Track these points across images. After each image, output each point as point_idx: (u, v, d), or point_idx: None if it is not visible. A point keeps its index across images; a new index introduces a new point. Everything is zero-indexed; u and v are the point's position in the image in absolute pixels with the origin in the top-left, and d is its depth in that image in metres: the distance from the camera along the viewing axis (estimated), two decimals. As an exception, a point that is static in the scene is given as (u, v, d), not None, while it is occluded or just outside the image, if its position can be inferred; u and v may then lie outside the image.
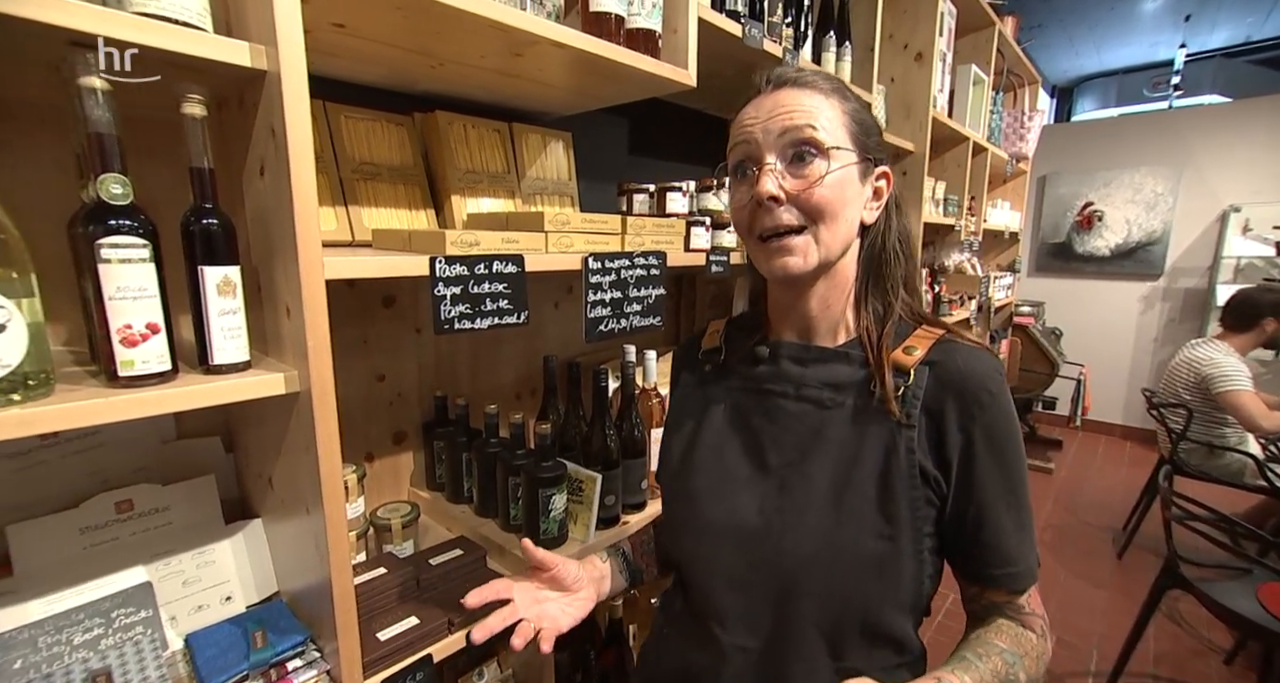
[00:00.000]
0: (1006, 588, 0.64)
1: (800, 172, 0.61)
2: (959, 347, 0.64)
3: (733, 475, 0.68)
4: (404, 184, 1.09)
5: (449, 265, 0.80)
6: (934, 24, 2.00)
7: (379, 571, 0.89)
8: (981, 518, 0.61)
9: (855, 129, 0.63)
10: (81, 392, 0.56)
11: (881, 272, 0.67)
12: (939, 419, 0.61)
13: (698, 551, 0.69)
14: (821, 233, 0.62)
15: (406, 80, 1.09)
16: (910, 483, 0.60)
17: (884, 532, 0.60)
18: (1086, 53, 4.79)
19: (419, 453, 1.25)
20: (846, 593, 0.61)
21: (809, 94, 0.62)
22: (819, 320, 0.68)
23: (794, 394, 0.68)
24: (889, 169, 0.67)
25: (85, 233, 0.54)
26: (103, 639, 0.65)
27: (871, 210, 0.66)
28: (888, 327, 0.66)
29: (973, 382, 0.61)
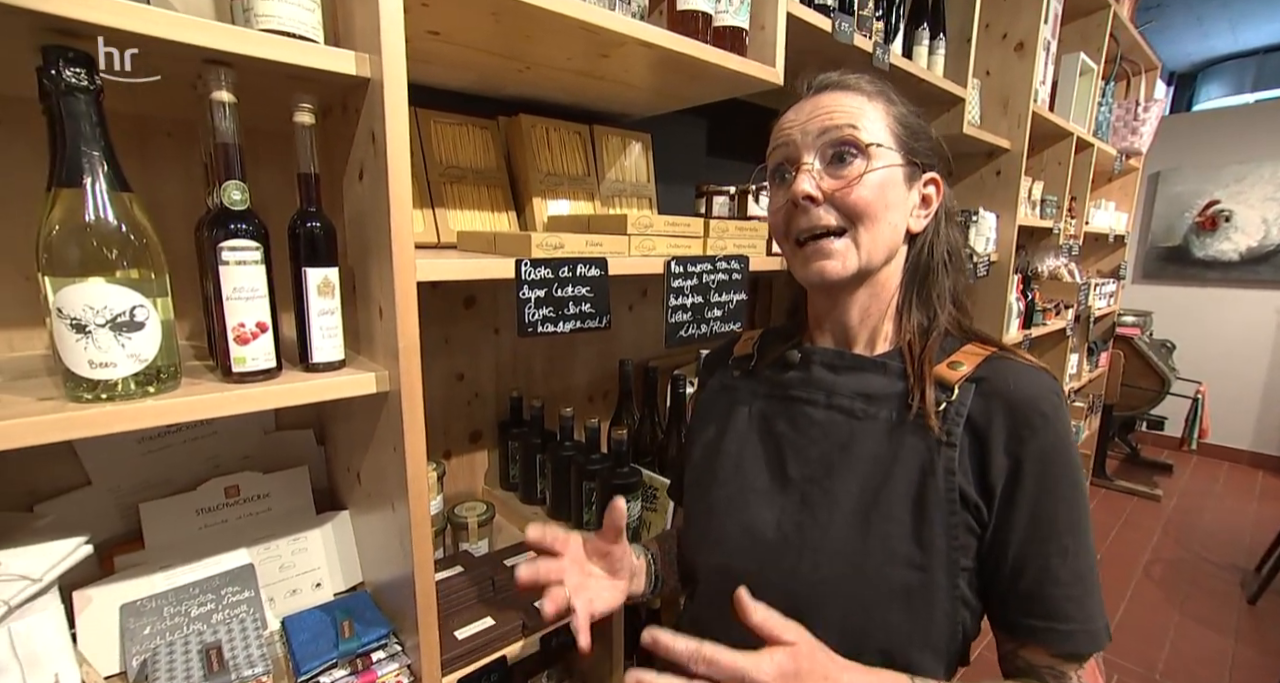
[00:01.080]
0: (1047, 648, 0.55)
1: (839, 172, 0.59)
2: (1011, 364, 0.59)
3: (752, 487, 0.65)
4: (487, 187, 1.11)
5: (534, 268, 0.80)
6: (1039, 10, 1.85)
7: (456, 569, 0.91)
8: (1024, 558, 0.54)
9: (900, 131, 0.61)
10: (202, 385, 0.60)
11: (927, 282, 0.64)
12: (984, 440, 0.56)
13: (711, 565, 0.66)
14: (861, 236, 0.59)
15: (494, 85, 1.11)
16: (949, 507, 0.55)
17: (915, 560, 0.54)
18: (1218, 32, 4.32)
19: (493, 452, 1.27)
20: (867, 626, 0.56)
21: (851, 95, 0.60)
22: (858, 331, 0.65)
23: (824, 403, 0.64)
24: (939, 176, 0.64)
25: (209, 236, 0.57)
26: (214, 614, 0.69)
27: (919, 218, 0.63)
28: (931, 339, 0.62)
29: (1024, 402, 0.55)
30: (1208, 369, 4.05)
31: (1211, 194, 4.14)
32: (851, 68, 0.64)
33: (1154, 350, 3.60)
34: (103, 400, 0.51)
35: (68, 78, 0.46)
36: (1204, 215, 4.16)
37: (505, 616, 0.86)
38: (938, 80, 1.53)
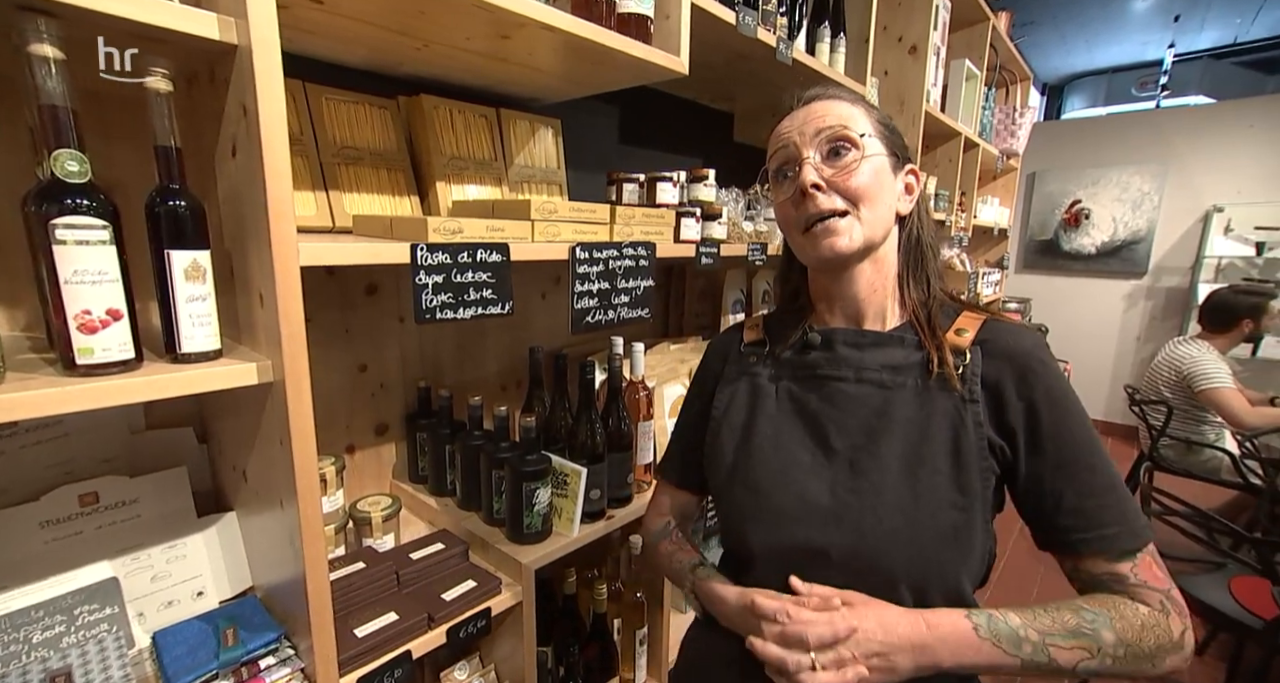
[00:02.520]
0: (1102, 554, 0.61)
1: (837, 162, 0.66)
2: (1004, 326, 0.69)
3: (796, 462, 0.69)
4: (387, 169, 1.06)
5: (431, 253, 0.77)
6: (929, 17, 1.98)
7: (358, 565, 0.87)
8: (1059, 481, 0.62)
9: (882, 130, 0.69)
10: (35, 380, 0.53)
11: (922, 259, 0.72)
12: (998, 391, 0.64)
13: (771, 540, 0.68)
14: (864, 214, 0.66)
15: (390, 62, 1.05)
16: (980, 454, 0.63)
17: (959, 503, 0.62)
18: (1077, 51, 4.80)
19: (401, 445, 1.22)
20: (928, 565, 0.63)
21: (838, 103, 0.69)
22: (867, 304, 0.71)
23: (853, 378, 0.70)
24: (916, 169, 0.72)
25: (38, 212, 0.50)
26: (64, 637, 0.62)
27: (905, 202, 0.71)
28: (933, 310, 0.70)
29: (1024, 354, 0.65)
30: (1073, 349, 4.54)
31: (1075, 194, 4.62)
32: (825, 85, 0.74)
33: (1028, 333, 3.98)
34: (-97, 399, 0.45)
35: None
36: (1069, 213, 4.64)
37: (410, 610, 0.83)
38: (839, 77, 1.60)
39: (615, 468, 1.13)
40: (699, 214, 1.22)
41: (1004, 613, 0.59)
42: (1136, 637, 0.58)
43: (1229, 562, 1.78)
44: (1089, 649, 0.57)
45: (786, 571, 0.65)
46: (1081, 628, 0.57)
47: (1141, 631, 0.58)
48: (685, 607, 1.51)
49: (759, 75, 1.54)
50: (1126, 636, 0.57)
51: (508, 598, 0.94)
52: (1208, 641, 2.18)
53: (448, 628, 0.85)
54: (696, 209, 1.22)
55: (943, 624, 0.58)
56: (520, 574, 0.96)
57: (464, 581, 0.92)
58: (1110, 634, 0.57)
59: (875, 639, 0.57)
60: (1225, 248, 4.05)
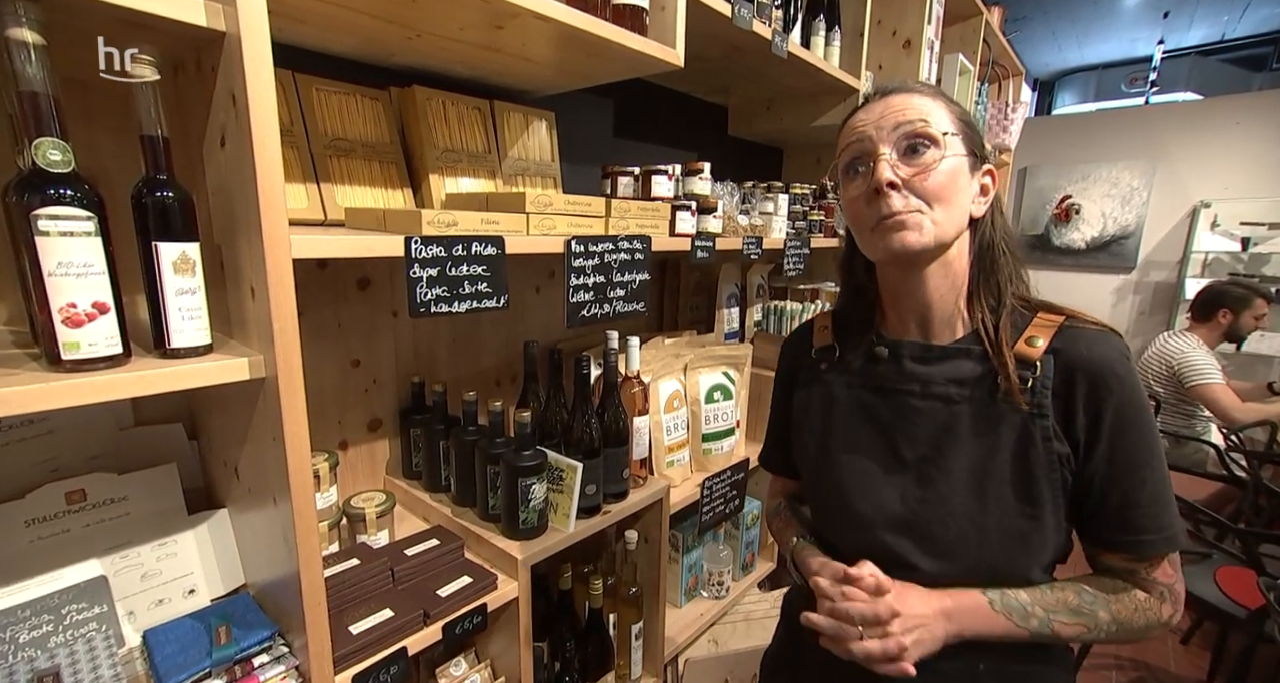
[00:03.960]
0: (1127, 554, 0.66)
1: (914, 161, 0.63)
2: (1082, 332, 0.66)
3: (871, 470, 0.72)
4: (379, 162, 1.04)
5: (425, 247, 0.76)
6: (923, 11, 1.97)
7: (352, 562, 0.86)
8: (1108, 490, 0.64)
9: (962, 127, 0.66)
10: (18, 376, 0.51)
11: (994, 265, 0.69)
12: (1068, 402, 0.63)
13: (854, 543, 0.73)
14: (937, 215, 0.63)
15: (382, 52, 1.03)
16: (1049, 468, 0.64)
17: (1026, 512, 0.65)
18: (1069, 47, 4.82)
19: (395, 440, 1.21)
20: (996, 566, 0.66)
21: (918, 97, 0.66)
22: (936, 310, 0.69)
23: (920, 392, 0.70)
24: (994, 169, 0.69)
25: (20, 203, 0.49)
26: (52, 637, 0.61)
27: (980, 205, 0.68)
28: (1002, 319, 0.67)
29: (1100, 366, 0.63)
30: (1060, 344, 4.56)
31: (1065, 189, 4.64)
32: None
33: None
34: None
35: None
36: (1060, 208, 4.66)
37: (405, 606, 0.83)
38: (834, 71, 1.59)
39: (611, 463, 1.13)
40: (694, 208, 1.21)
41: (1015, 592, 0.65)
42: (1129, 617, 0.65)
43: (1214, 552, 1.81)
44: (1087, 625, 0.65)
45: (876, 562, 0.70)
46: (1081, 608, 0.65)
47: (1134, 612, 0.65)
48: (681, 601, 1.51)
49: (754, 69, 1.53)
50: (1120, 615, 0.65)
51: (503, 594, 0.93)
52: (1192, 630, 2.21)
53: (443, 624, 0.84)
54: (692, 203, 1.21)
55: (964, 599, 0.65)
56: (516, 570, 0.95)
57: (459, 576, 0.92)
58: (1106, 614, 0.65)
59: (915, 613, 0.63)
60: (1212, 243, 4.09)
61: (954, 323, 0.70)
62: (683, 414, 1.36)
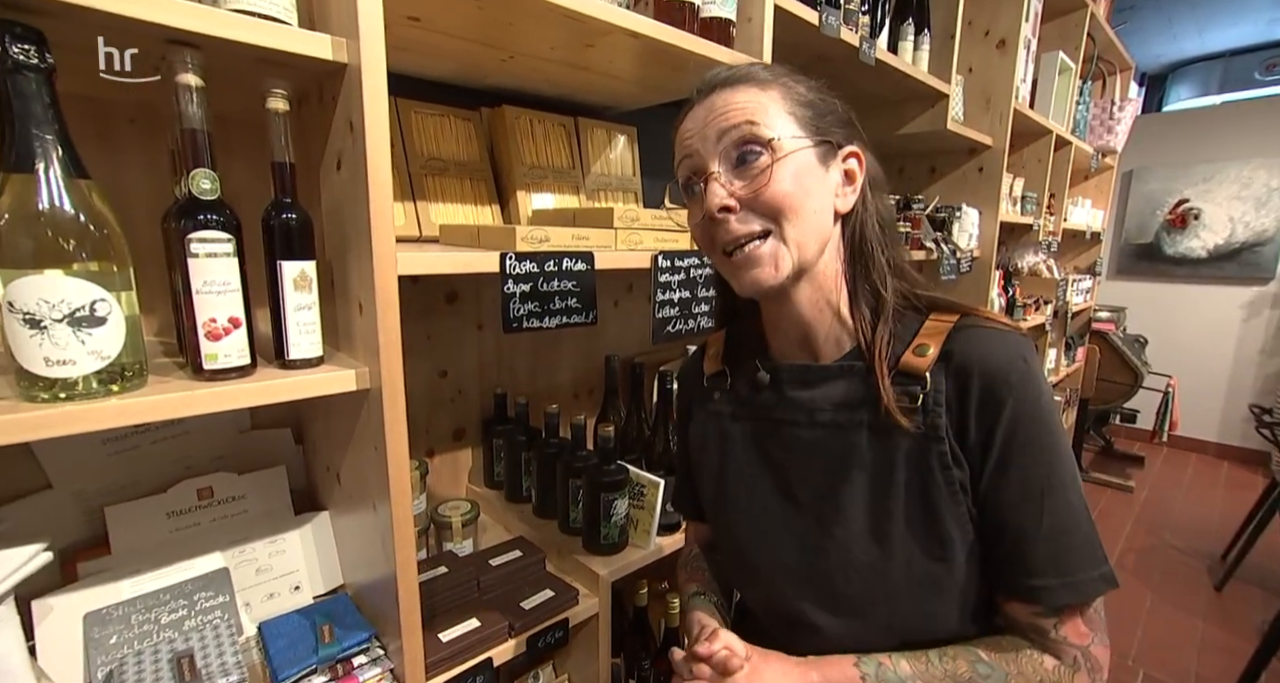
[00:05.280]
0: (1028, 603, 0.56)
1: (747, 173, 0.55)
2: (974, 333, 0.56)
3: (768, 513, 0.65)
4: (470, 179, 1.09)
5: (519, 262, 0.78)
6: (1020, 8, 1.86)
7: (440, 570, 0.89)
8: (1002, 523, 0.55)
9: (805, 113, 0.57)
10: (170, 384, 0.57)
11: (868, 262, 0.60)
12: (961, 417, 0.55)
13: (755, 598, 0.69)
14: (788, 233, 0.56)
15: (476, 75, 1.08)
16: (952, 498, 0.55)
17: (935, 553, 0.56)
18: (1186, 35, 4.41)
19: (478, 450, 1.25)
20: (910, 619, 0.58)
21: (743, 90, 0.57)
22: (814, 326, 0.62)
23: (806, 422, 0.62)
24: (859, 148, 0.60)
25: (177, 227, 0.54)
26: (186, 621, 0.66)
27: (845, 197, 0.59)
28: (881, 322, 0.59)
29: (992, 373, 0.54)
30: (1177, 363, 4.14)
31: (1181, 193, 4.23)
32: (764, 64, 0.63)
33: (1128, 345, 3.68)
34: (61, 400, 0.49)
35: (15, 55, 0.43)
36: (1174, 213, 4.25)
37: (490, 617, 0.84)
38: (922, 76, 1.53)
39: (690, 480, 1.11)
40: (778, 220, 1.18)
41: (896, 661, 0.57)
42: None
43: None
44: None
45: (781, 627, 0.65)
46: (974, 680, 0.55)
47: (1034, 679, 0.55)
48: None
49: (839, 76, 1.49)
50: None
51: (585, 609, 0.93)
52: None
53: (527, 637, 0.85)
54: (776, 215, 1.19)
55: (832, 673, 0.57)
56: (597, 586, 0.95)
57: (542, 589, 0.93)
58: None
59: None
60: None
61: (840, 337, 0.61)
62: (762, 432, 1.32)
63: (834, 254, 0.60)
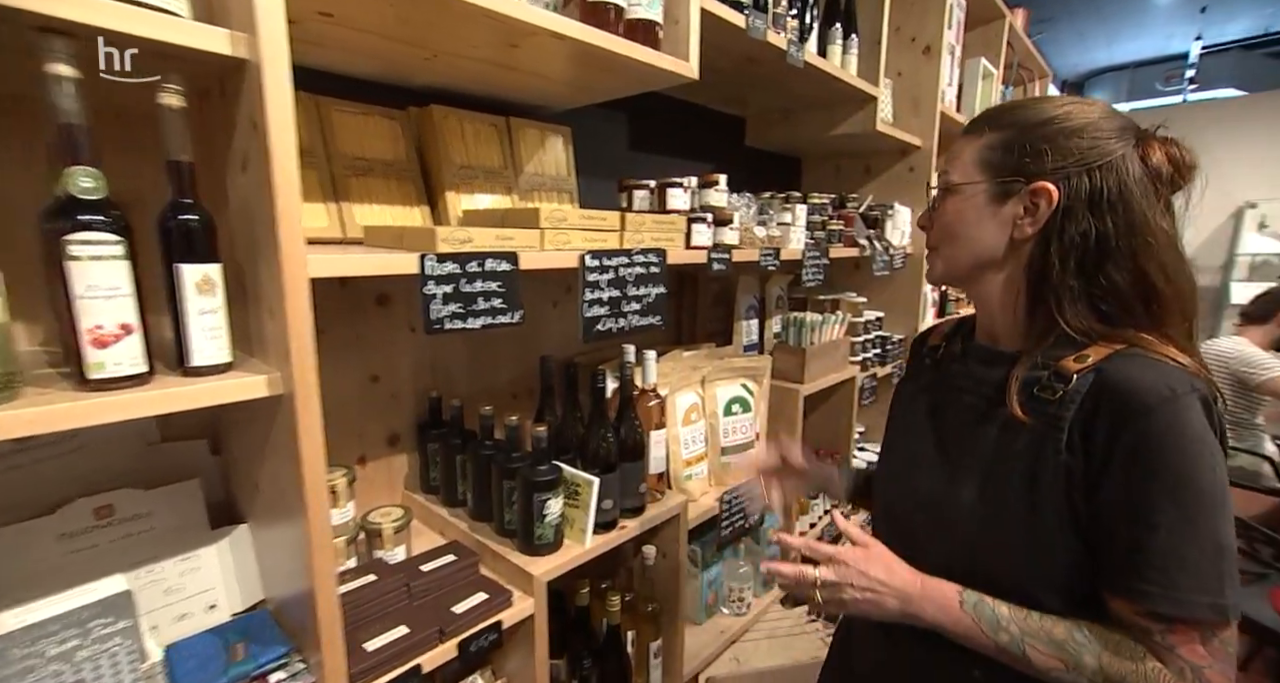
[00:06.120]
0: (1129, 601, 0.60)
1: (934, 208, 0.77)
2: (1134, 357, 0.62)
3: (917, 460, 0.79)
4: (397, 180, 1.07)
5: (440, 263, 0.77)
6: (942, 16, 1.96)
7: (368, 578, 0.87)
8: (1114, 530, 0.60)
9: (992, 156, 0.70)
10: (49, 395, 0.54)
11: (1041, 283, 0.68)
12: (1090, 425, 0.61)
13: (886, 514, 0.83)
14: (944, 252, 0.76)
15: (401, 73, 1.07)
16: (1054, 479, 0.63)
17: (1026, 520, 0.64)
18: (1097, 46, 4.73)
19: (413, 455, 1.23)
20: (995, 566, 0.67)
21: (962, 140, 0.74)
22: (996, 321, 0.75)
23: (974, 391, 0.75)
24: (1052, 182, 0.66)
25: (53, 228, 0.51)
26: (79, 651, 0.63)
27: (1024, 226, 0.69)
28: (1041, 332, 0.68)
29: (1129, 392, 0.60)
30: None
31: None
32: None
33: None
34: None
35: None
36: (1093, 212, 4.54)
37: (421, 623, 0.83)
38: (851, 79, 1.59)
39: (627, 478, 1.13)
40: (710, 220, 1.21)
41: (997, 603, 0.65)
42: (1119, 676, 0.59)
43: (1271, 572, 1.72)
44: (1065, 662, 0.61)
45: (894, 536, 0.76)
46: (1066, 644, 0.61)
47: (1131, 674, 0.59)
48: (701, 618, 1.49)
49: (770, 79, 1.54)
50: (1110, 669, 0.59)
51: (519, 611, 0.93)
52: (1251, 655, 2.10)
53: (459, 641, 0.84)
54: (708, 215, 1.21)
55: (933, 588, 0.67)
56: (532, 586, 0.95)
57: (475, 593, 0.92)
58: (1092, 660, 0.60)
59: (872, 577, 0.68)
60: (1259, 245, 3.95)
61: (1016, 333, 0.73)
62: (700, 428, 1.35)
63: (1011, 272, 0.71)
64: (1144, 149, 0.67)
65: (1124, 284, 0.65)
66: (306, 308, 0.64)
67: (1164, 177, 0.66)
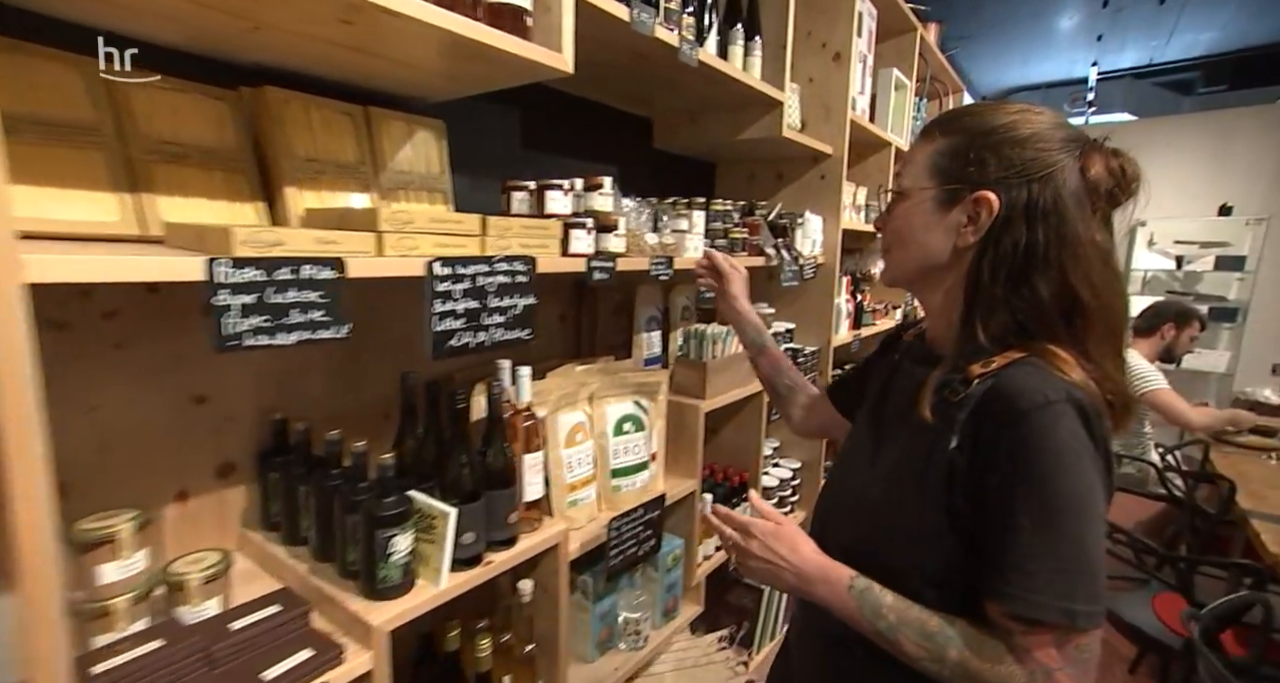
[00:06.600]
0: (993, 601, 0.65)
1: (887, 210, 0.82)
2: (1028, 365, 0.66)
3: (855, 449, 0.87)
4: (223, 171, 0.95)
5: (237, 269, 0.68)
6: (851, 23, 2.00)
7: (152, 645, 0.75)
8: (989, 533, 0.65)
9: (941, 162, 0.73)
10: None
11: (975, 292, 0.71)
12: (979, 427, 0.66)
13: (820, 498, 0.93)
14: (894, 255, 0.80)
15: (222, 46, 0.96)
16: (939, 479, 0.68)
17: (912, 514, 0.70)
18: (1012, 65, 5.07)
19: (253, 487, 1.10)
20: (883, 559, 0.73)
21: (916, 145, 0.78)
22: (935, 327, 0.81)
23: (905, 389, 0.79)
24: (993, 192, 0.68)
25: None
26: None
27: (966, 234, 0.71)
28: (963, 339, 0.71)
29: (1009, 398, 0.64)
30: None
31: (1011, 206, 4.83)
32: None
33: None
34: None
35: None
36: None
37: (214, 696, 0.72)
38: (753, 82, 1.58)
39: (494, 507, 1.05)
40: (591, 225, 1.16)
41: (883, 592, 0.70)
42: (977, 670, 0.64)
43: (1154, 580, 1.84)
44: (930, 653, 0.66)
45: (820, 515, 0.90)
46: (935, 636, 0.66)
47: (987, 672, 0.64)
48: (593, 655, 1.43)
49: (668, 78, 1.51)
50: (969, 665, 0.64)
51: (352, 668, 0.84)
52: (1139, 658, 2.24)
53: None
54: (589, 220, 1.16)
55: (830, 570, 0.74)
56: (371, 638, 0.86)
57: (298, 651, 0.82)
58: (955, 654, 0.65)
59: (776, 551, 0.78)
60: (1150, 261, 4.32)
61: (953, 338, 0.75)
62: (588, 448, 1.29)
63: (950, 278, 0.75)
64: (1085, 161, 0.68)
65: (1047, 297, 0.66)
66: (18, 320, 0.53)
67: (1102, 190, 0.68)
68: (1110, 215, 0.70)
